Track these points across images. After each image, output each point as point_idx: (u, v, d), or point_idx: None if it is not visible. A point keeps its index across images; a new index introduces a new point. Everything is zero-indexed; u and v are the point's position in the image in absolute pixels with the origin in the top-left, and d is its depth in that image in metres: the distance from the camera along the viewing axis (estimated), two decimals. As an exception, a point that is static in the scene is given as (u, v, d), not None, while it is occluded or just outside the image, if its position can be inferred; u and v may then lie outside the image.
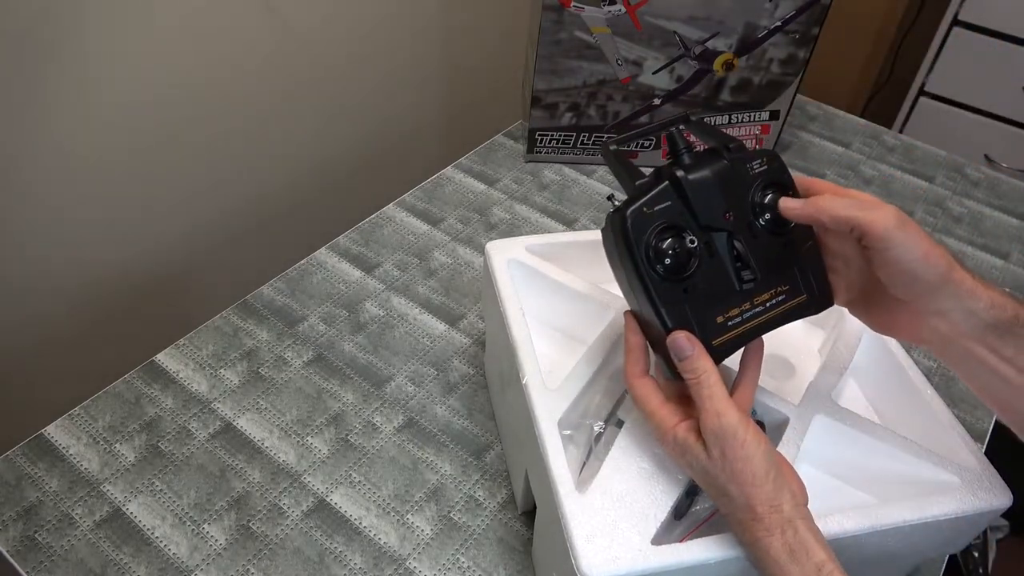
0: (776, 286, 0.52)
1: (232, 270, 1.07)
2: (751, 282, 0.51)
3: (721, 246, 0.50)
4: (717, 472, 0.47)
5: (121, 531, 0.64)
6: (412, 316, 0.85)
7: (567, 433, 0.57)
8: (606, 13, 0.93)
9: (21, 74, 0.74)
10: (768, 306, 0.52)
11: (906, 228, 0.46)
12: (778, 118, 1.05)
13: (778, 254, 0.52)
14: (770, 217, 0.51)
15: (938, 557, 0.68)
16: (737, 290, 0.51)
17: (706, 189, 0.50)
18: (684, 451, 0.49)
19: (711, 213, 0.50)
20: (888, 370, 0.64)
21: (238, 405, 0.74)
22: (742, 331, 0.52)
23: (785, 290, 0.52)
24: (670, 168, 0.50)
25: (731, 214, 0.50)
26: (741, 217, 0.51)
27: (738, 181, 0.51)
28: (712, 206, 0.50)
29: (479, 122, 1.25)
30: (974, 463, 0.55)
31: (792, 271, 0.52)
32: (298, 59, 1.01)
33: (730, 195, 0.50)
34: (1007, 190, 1.13)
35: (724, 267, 0.51)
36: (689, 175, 0.49)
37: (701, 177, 0.50)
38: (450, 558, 0.64)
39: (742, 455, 0.46)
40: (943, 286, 0.47)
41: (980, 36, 1.64)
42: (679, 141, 0.52)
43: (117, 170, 0.87)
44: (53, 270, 0.86)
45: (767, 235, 0.51)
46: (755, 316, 0.52)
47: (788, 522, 0.45)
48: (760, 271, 0.51)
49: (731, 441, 0.46)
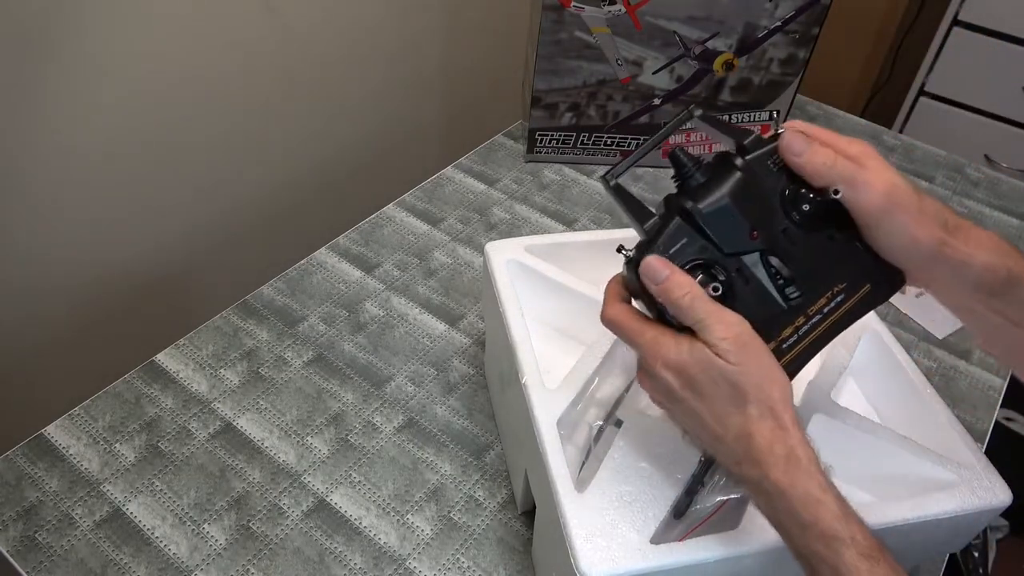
0: (832, 287, 0.47)
1: (232, 270, 1.07)
2: (798, 297, 0.46)
3: (755, 266, 0.46)
4: (741, 379, 0.43)
5: (121, 531, 0.64)
6: (412, 316, 0.85)
7: (566, 433, 0.58)
8: (606, 13, 0.93)
9: (21, 75, 0.74)
10: (827, 311, 0.47)
11: (895, 212, 0.45)
12: (778, 118, 1.05)
13: (824, 251, 0.47)
14: (810, 213, 0.46)
15: (938, 557, 0.68)
16: (784, 309, 0.46)
17: (723, 215, 0.45)
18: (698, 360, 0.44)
19: (735, 239, 0.45)
20: (888, 370, 0.64)
21: (238, 405, 0.74)
22: (802, 348, 0.47)
23: (843, 288, 0.47)
24: (679, 199, 0.46)
25: (757, 231, 0.45)
26: (771, 229, 0.46)
27: (760, 187, 0.46)
28: (734, 231, 0.45)
29: (479, 122, 1.25)
30: (974, 462, 0.56)
31: (845, 264, 0.47)
32: (298, 59, 1.02)
33: (753, 209, 0.46)
34: (1007, 190, 1.13)
35: (763, 290, 0.46)
36: (700, 205, 0.45)
37: (715, 204, 0.45)
38: (450, 558, 0.64)
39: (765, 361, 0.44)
40: (934, 262, 0.46)
41: (980, 36, 1.64)
42: (685, 161, 0.47)
43: (117, 171, 0.87)
44: (53, 270, 0.86)
45: (806, 235, 0.46)
46: (814, 328, 0.47)
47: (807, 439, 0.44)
48: (805, 281, 0.46)
49: (751, 347, 0.44)
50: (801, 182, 0.46)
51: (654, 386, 0.47)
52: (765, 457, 0.43)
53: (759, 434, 0.43)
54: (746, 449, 0.44)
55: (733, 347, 0.43)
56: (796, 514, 0.42)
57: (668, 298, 0.45)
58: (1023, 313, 0.47)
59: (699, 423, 0.46)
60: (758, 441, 0.43)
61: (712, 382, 0.44)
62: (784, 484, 0.42)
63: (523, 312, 0.63)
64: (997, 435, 0.78)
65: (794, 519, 0.42)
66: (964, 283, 0.47)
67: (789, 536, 0.43)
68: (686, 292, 0.44)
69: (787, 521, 0.43)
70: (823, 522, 0.41)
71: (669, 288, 0.45)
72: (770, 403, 0.43)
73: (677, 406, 0.47)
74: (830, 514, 0.41)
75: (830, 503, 0.42)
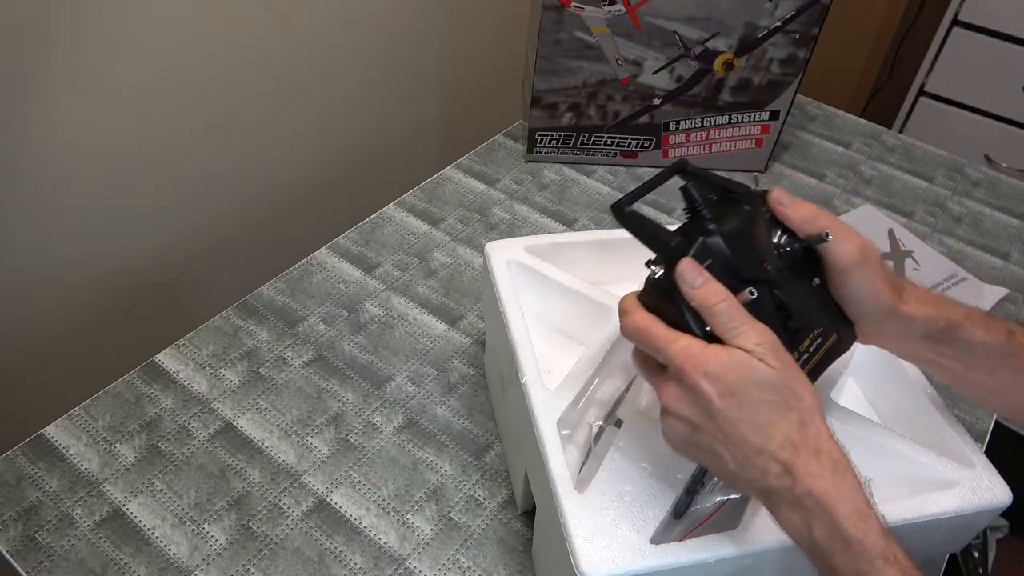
0: (813, 330, 0.49)
1: (232, 270, 1.07)
2: (796, 331, 0.48)
3: (764, 295, 0.47)
4: (785, 380, 0.43)
5: (121, 531, 0.64)
6: (412, 316, 0.85)
7: (566, 433, 0.58)
8: (606, 13, 0.93)
9: (21, 75, 0.74)
10: (811, 351, 0.49)
11: (865, 266, 0.49)
12: (778, 118, 1.05)
13: (808, 296, 0.50)
14: (794, 259, 0.49)
15: (938, 556, 0.68)
16: (788, 339, 0.47)
17: (741, 242, 0.47)
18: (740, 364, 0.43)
19: (751, 265, 0.47)
20: (888, 370, 0.64)
21: (238, 405, 0.74)
22: None
23: (820, 332, 0.50)
24: (701, 223, 0.47)
25: (768, 263, 0.48)
26: (774, 264, 0.48)
27: (760, 227, 0.48)
28: (750, 258, 0.47)
29: (479, 122, 1.25)
30: (974, 462, 0.56)
31: (822, 311, 0.51)
32: (298, 59, 1.02)
33: (759, 244, 0.48)
34: (1007, 190, 1.13)
35: (774, 316, 0.47)
36: (725, 228, 0.46)
37: (735, 230, 0.47)
38: (450, 558, 0.64)
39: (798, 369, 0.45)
40: (887, 317, 0.51)
41: (980, 36, 1.64)
42: (696, 195, 0.48)
43: (117, 170, 0.87)
44: (53, 270, 0.86)
45: (794, 278, 0.49)
46: (803, 365, 0.49)
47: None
48: (797, 318, 0.48)
49: (783, 353, 0.44)
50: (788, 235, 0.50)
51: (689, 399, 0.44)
52: (812, 468, 0.42)
53: (804, 444, 0.42)
54: (791, 459, 0.42)
55: (770, 352, 0.43)
56: (842, 529, 0.40)
57: (704, 302, 0.44)
58: (971, 356, 0.52)
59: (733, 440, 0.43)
60: (804, 451, 0.42)
61: (757, 386, 0.43)
62: (833, 497, 0.41)
63: (523, 312, 0.63)
64: (997, 435, 0.78)
65: (838, 534, 0.40)
66: (911, 335, 0.52)
67: (825, 553, 0.41)
68: (722, 299, 0.44)
69: (827, 536, 0.41)
70: (869, 539, 0.40)
71: (706, 294, 0.44)
72: (812, 411, 0.43)
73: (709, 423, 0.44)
74: (876, 531, 0.40)
75: (876, 519, 0.41)
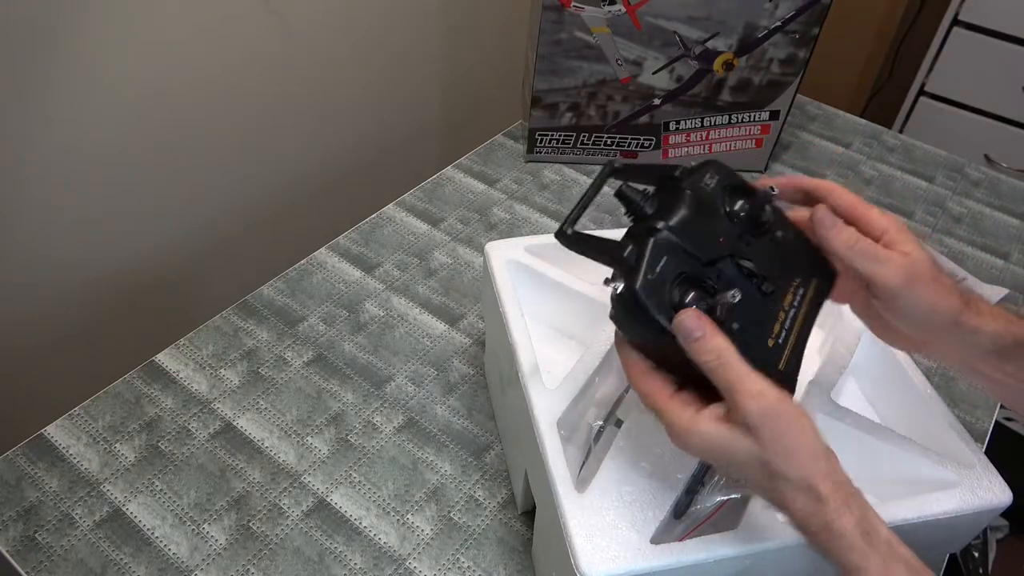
0: (790, 283, 0.50)
1: (232, 270, 1.07)
2: (773, 293, 0.49)
3: (731, 271, 0.48)
4: (770, 456, 0.43)
5: (121, 531, 0.64)
6: (412, 316, 0.85)
7: (566, 433, 0.58)
8: (606, 13, 0.93)
9: (21, 75, 0.74)
10: (797, 304, 0.50)
11: (913, 285, 0.48)
12: (778, 118, 1.05)
13: (775, 251, 0.50)
14: (748, 222, 0.49)
15: (938, 556, 0.68)
16: (767, 304, 0.49)
17: (691, 228, 0.47)
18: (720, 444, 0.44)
19: (707, 247, 0.47)
20: (888, 370, 0.64)
21: (238, 405, 0.74)
22: (794, 341, 0.49)
23: (800, 282, 0.51)
24: (644, 224, 0.47)
25: (722, 237, 0.48)
26: (729, 235, 0.49)
27: (707, 204, 0.49)
28: (704, 240, 0.47)
29: (479, 122, 1.25)
30: (974, 463, 0.56)
31: (794, 261, 0.51)
32: (298, 59, 1.02)
33: (709, 220, 0.48)
34: (1007, 190, 1.13)
35: (745, 290, 0.47)
36: (670, 222, 0.47)
37: (681, 219, 0.47)
38: (450, 558, 0.64)
39: (796, 430, 0.43)
40: (948, 329, 0.49)
41: (980, 36, 1.64)
42: (632, 195, 0.48)
43: (116, 170, 0.87)
44: (53, 270, 0.86)
45: (757, 239, 0.50)
46: (793, 321, 0.50)
47: (853, 496, 0.43)
48: (772, 276, 0.49)
49: (780, 418, 0.43)
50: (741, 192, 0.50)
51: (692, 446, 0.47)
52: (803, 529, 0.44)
53: (793, 508, 0.43)
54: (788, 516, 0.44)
55: (761, 420, 0.43)
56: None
57: (698, 359, 0.45)
58: None
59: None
60: (793, 514, 0.44)
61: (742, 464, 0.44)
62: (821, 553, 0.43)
63: (523, 312, 0.63)
64: (997, 435, 0.78)
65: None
66: (975, 349, 0.50)
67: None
68: (715, 357, 0.44)
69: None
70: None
71: (699, 351, 0.44)
72: (803, 474, 0.43)
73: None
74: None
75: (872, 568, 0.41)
